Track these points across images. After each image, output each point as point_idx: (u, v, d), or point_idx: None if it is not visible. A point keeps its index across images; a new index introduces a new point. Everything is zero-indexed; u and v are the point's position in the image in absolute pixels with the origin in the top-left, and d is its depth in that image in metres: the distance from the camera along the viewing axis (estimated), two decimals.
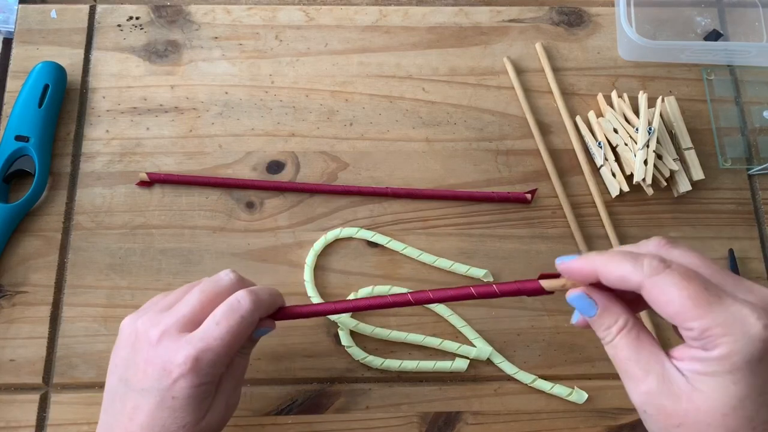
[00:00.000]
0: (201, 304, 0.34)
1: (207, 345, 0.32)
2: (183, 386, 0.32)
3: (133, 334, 0.34)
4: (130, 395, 0.33)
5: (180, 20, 0.53)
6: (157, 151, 0.50)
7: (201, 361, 0.32)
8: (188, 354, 0.32)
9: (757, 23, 0.56)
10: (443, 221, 0.49)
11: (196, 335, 0.33)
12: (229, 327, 0.33)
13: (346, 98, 0.52)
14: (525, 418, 0.45)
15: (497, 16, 0.55)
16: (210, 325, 0.33)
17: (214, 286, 0.35)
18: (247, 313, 0.33)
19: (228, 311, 0.33)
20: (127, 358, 0.34)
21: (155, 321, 0.34)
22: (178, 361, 0.32)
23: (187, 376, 0.32)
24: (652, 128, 0.48)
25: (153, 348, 0.33)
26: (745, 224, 0.50)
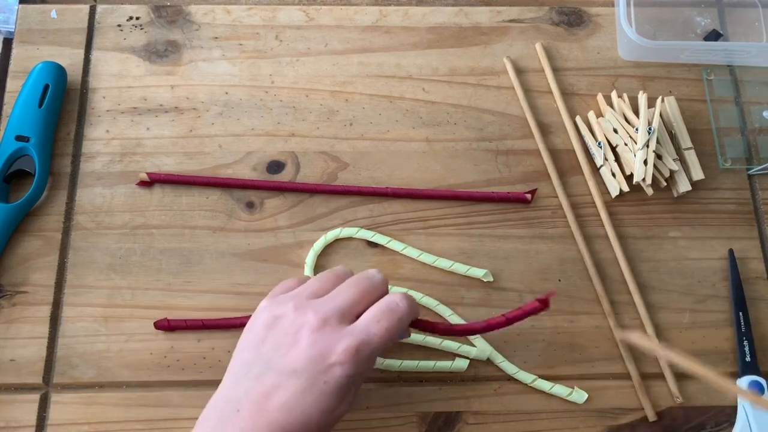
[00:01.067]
0: (357, 298, 0.35)
1: (368, 339, 0.34)
2: (337, 374, 0.33)
3: (277, 318, 0.35)
4: (270, 374, 0.33)
5: (180, 20, 0.53)
6: (157, 151, 0.50)
7: (360, 353, 0.33)
8: (350, 344, 0.33)
9: (757, 23, 0.56)
10: (443, 221, 0.49)
11: (357, 327, 0.34)
12: (388, 326, 0.34)
13: (346, 98, 0.52)
14: (525, 418, 0.45)
15: (497, 16, 0.55)
16: (371, 321, 0.34)
17: (367, 283, 0.36)
18: (404, 315, 0.35)
19: (387, 311, 0.35)
20: (268, 339, 0.34)
21: (313, 307, 0.35)
22: (339, 350, 0.33)
23: (345, 365, 0.33)
24: (651, 128, 0.48)
25: (313, 333, 0.34)
26: (745, 224, 0.50)
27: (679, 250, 0.49)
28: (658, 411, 0.45)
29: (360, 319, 0.35)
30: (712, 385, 0.33)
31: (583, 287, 0.48)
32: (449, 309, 0.46)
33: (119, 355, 0.45)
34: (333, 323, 0.34)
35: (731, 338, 0.47)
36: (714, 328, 0.47)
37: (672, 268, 0.48)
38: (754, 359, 0.46)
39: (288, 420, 0.32)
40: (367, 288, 0.36)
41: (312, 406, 0.33)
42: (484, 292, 0.47)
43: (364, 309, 0.35)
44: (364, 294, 0.36)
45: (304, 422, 0.33)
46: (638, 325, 0.47)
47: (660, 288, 0.48)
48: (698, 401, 0.45)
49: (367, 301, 0.36)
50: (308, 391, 0.33)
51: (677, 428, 0.45)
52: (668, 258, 0.49)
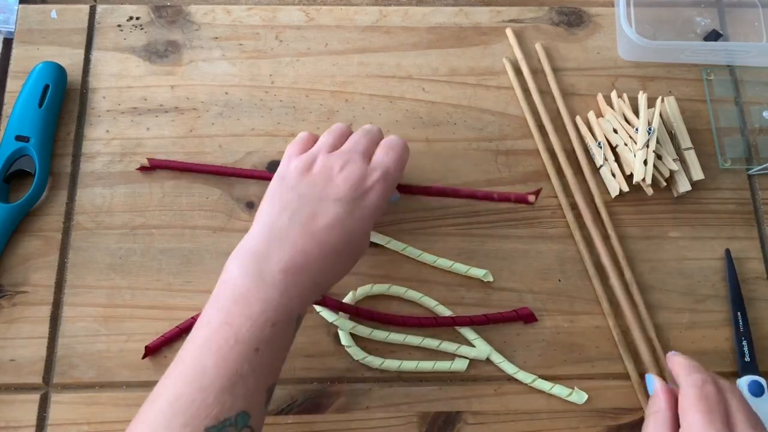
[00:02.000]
0: (368, 143, 0.42)
1: (387, 167, 0.41)
2: (373, 197, 0.39)
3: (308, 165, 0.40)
4: (310, 203, 0.38)
5: (180, 20, 0.53)
6: (158, 151, 0.50)
7: (386, 179, 0.40)
8: (378, 173, 0.40)
9: (757, 23, 0.56)
10: (443, 221, 0.49)
11: (376, 161, 0.41)
12: (397, 155, 0.42)
13: (346, 98, 0.52)
14: (525, 418, 0.45)
15: (497, 17, 0.55)
16: (382, 156, 0.41)
17: (370, 132, 0.43)
18: (402, 149, 0.42)
19: (390, 146, 0.42)
20: (302, 181, 0.39)
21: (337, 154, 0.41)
22: (373, 178, 0.40)
23: (377, 189, 0.40)
24: (651, 128, 0.48)
25: (344, 170, 0.39)
26: (745, 224, 0.50)
27: (679, 250, 0.49)
28: None
29: (375, 156, 0.41)
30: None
31: (583, 287, 0.48)
32: (449, 309, 0.46)
33: (119, 355, 0.45)
34: (358, 160, 0.40)
35: (731, 338, 0.47)
36: (714, 328, 0.47)
37: (672, 268, 0.48)
38: (753, 359, 0.46)
39: (335, 239, 0.37)
40: (371, 136, 0.43)
41: (354, 227, 0.38)
42: (484, 292, 0.47)
43: (373, 151, 0.42)
44: (371, 139, 0.42)
45: (348, 241, 0.38)
46: (638, 325, 0.47)
47: (660, 288, 0.48)
48: None
49: (374, 145, 0.42)
50: (351, 214, 0.38)
51: None
52: (668, 258, 0.49)
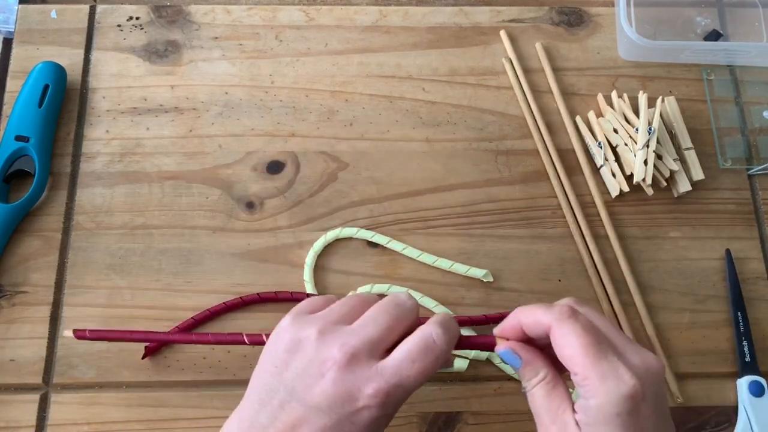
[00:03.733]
0: (388, 329, 0.32)
1: (400, 382, 0.31)
2: (366, 417, 0.30)
3: (300, 341, 0.32)
4: (295, 406, 0.31)
5: (180, 20, 0.53)
6: (157, 151, 0.50)
7: (391, 396, 0.31)
8: (380, 387, 0.30)
9: (757, 23, 0.56)
10: (443, 221, 0.49)
11: (388, 367, 0.31)
12: (424, 367, 0.31)
13: (346, 98, 0.52)
14: (525, 418, 0.45)
15: (497, 16, 0.55)
16: (405, 361, 0.31)
17: (399, 311, 0.33)
18: (442, 354, 0.32)
19: (424, 349, 0.32)
20: (291, 365, 0.32)
21: (340, 337, 0.32)
22: (369, 393, 0.30)
23: (373, 409, 0.30)
24: (652, 128, 0.48)
25: (339, 370, 0.31)
26: (745, 224, 0.50)
27: (679, 250, 0.49)
28: None
29: (392, 357, 0.31)
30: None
31: (583, 287, 0.48)
32: (449, 310, 0.46)
33: (119, 355, 0.45)
34: (361, 359, 0.31)
35: (731, 338, 0.47)
36: (714, 328, 0.47)
37: (672, 268, 0.48)
38: (753, 359, 0.46)
39: None
40: (399, 316, 0.33)
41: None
42: (484, 293, 0.47)
43: (395, 340, 0.32)
44: (396, 323, 0.33)
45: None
46: (638, 325, 0.47)
47: (660, 288, 0.48)
48: (698, 401, 0.45)
49: (398, 331, 0.33)
50: (334, 429, 0.30)
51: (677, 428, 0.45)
52: (668, 258, 0.49)
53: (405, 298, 0.34)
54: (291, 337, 0.32)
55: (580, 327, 0.30)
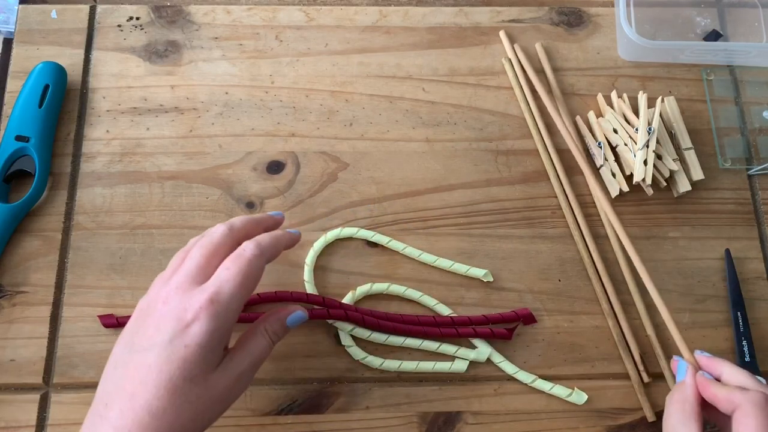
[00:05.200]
0: (205, 258, 0.35)
1: (220, 287, 0.33)
2: (196, 331, 0.32)
3: (143, 307, 0.35)
4: (134, 356, 0.33)
5: (180, 20, 0.53)
6: (158, 151, 0.50)
7: (216, 302, 0.33)
8: (203, 297, 0.33)
9: (757, 23, 0.56)
10: (443, 221, 0.49)
11: (208, 282, 0.34)
12: (238, 269, 0.34)
13: (346, 98, 0.52)
14: (525, 418, 0.45)
15: (497, 17, 0.55)
16: (221, 270, 0.34)
17: (208, 240, 0.36)
18: (253, 257, 0.35)
19: (234, 257, 0.35)
20: (134, 327, 0.34)
21: (163, 285, 0.35)
22: (194, 306, 0.33)
23: (202, 319, 0.32)
24: (651, 128, 0.48)
25: (166, 304, 0.33)
26: (745, 224, 0.50)
27: (679, 250, 0.49)
28: (657, 411, 0.45)
29: (213, 275, 0.34)
30: None
31: (583, 287, 0.48)
32: (448, 308, 0.46)
33: None
34: (185, 288, 0.34)
35: (731, 338, 0.47)
36: (714, 328, 0.47)
37: (672, 268, 0.48)
38: (753, 359, 0.46)
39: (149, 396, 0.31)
40: (210, 245, 0.36)
41: (179, 374, 0.32)
42: (484, 292, 0.47)
43: (215, 265, 0.35)
44: (210, 251, 0.35)
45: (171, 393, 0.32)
46: (638, 326, 0.47)
47: (660, 288, 0.48)
48: None
49: (217, 258, 0.35)
50: (169, 360, 0.32)
51: None
52: (668, 258, 0.49)
53: (215, 230, 0.37)
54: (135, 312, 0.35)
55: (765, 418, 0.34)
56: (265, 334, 0.37)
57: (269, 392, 0.44)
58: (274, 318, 0.38)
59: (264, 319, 0.38)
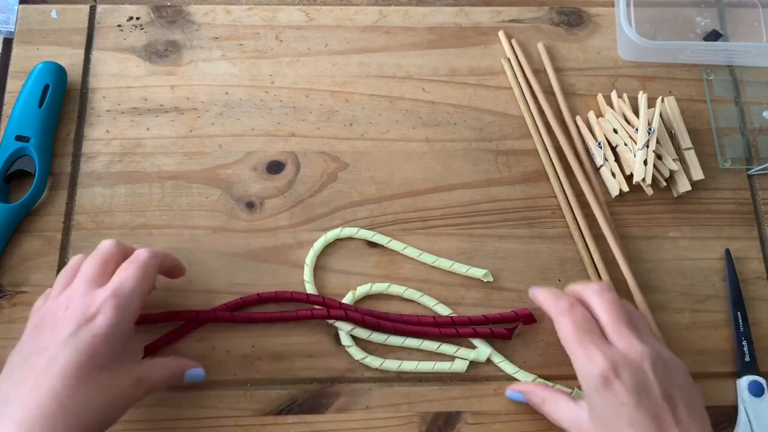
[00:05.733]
0: (100, 266, 0.38)
1: (120, 283, 0.37)
2: (102, 322, 0.35)
3: (37, 321, 0.37)
4: (31, 358, 0.34)
5: (180, 20, 0.53)
6: (158, 151, 0.50)
7: (118, 296, 0.36)
8: (105, 293, 0.36)
9: (757, 23, 0.56)
10: (443, 221, 0.49)
11: (110, 282, 0.37)
12: (136, 267, 0.38)
13: (346, 98, 0.52)
14: (525, 418, 0.45)
15: (497, 17, 0.55)
16: (119, 272, 0.38)
17: (99, 252, 0.39)
18: (148, 258, 0.39)
19: (131, 260, 0.38)
20: (29, 336, 0.36)
21: (63, 294, 0.37)
22: (97, 301, 0.36)
23: (106, 311, 0.35)
24: (651, 128, 0.48)
25: (68, 308, 0.36)
26: (745, 224, 0.50)
27: (679, 250, 0.49)
28: None
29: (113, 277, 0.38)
30: None
31: None
32: (448, 308, 0.46)
33: None
34: (86, 291, 0.37)
35: (731, 338, 0.47)
36: (714, 328, 0.47)
37: (672, 268, 0.48)
38: (753, 359, 0.46)
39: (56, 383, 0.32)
40: (102, 255, 0.39)
41: (89, 363, 0.34)
42: (484, 293, 0.47)
43: (111, 271, 0.38)
44: (104, 260, 0.39)
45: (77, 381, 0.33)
46: None
47: (660, 288, 0.48)
48: None
49: (111, 266, 0.39)
50: (77, 351, 0.34)
51: None
52: (668, 258, 0.49)
53: (103, 244, 0.40)
54: (31, 322, 0.38)
55: (570, 322, 0.39)
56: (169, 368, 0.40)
57: (269, 392, 0.44)
58: (180, 362, 0.41)
59: (176, 358, 0.42)
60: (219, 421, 0.43)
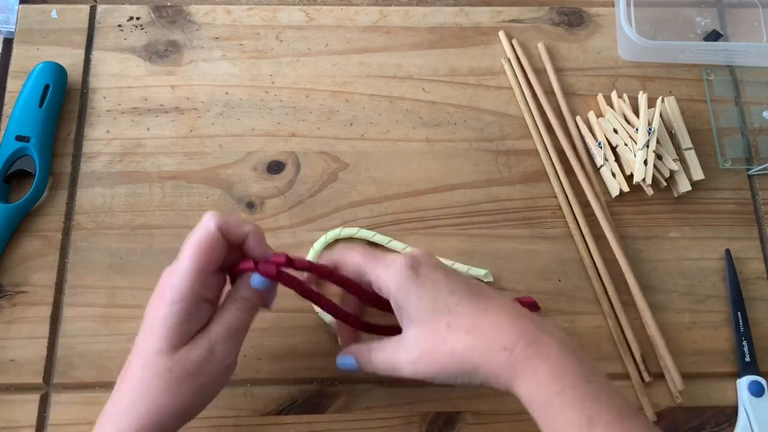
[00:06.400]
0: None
1: (179, 264, 0.35)
2: (163, 307, 0.34)
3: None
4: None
5: (180, 20, 0.53)
6: (158, 151, 0.50)
7: (174, 276, 0.34)
8: (165, 274, 0.35)
9: (757, 23, 0.56)
10: (443, 221, 0.49)
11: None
12: (194, 242, 0.35)
13: (347, 98, 0.52)
14: (525, 418, 0.44)
15: (497, 17, 0.55)
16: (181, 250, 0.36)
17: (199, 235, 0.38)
18: (209, 229, 0.35)
19: (193, 233, 0.36)
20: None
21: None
22: (161, 287, 0.35)
23: (165, 296, 0.34)
24: (651, 128, 0.48)
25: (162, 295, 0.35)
26: (745, 224, 0.50)
27: (679, 251, 0.49)
28: (658, 411, 0.45)
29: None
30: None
31: (583, 287, 0.48)
32: None
33: (120, 356, 0.45)
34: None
35: (731, 338, 0.47)
36: (714, 328, 0.47)
37: (672, 268, 0.48)
38: (753, 359, 0.46)
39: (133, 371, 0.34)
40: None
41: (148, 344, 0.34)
42: None
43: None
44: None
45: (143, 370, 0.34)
46: (638, 326, 0.47)
47: (660, 288, 0.48)
48: (698, 401, 0.45)
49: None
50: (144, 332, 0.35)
51: (677, 428, 0.45)
52: (668, 258, 0.49)
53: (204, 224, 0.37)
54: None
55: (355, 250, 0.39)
56: (234, 301, 0.37)
57: (269, 392, 0.44)
58: (239, 283, 0.38)
59: (233, 287, 0.38)
60: (219, 421, 0.43)
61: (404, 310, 0.36)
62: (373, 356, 0.38)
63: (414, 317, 0.36)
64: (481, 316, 0.35)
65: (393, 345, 0.37)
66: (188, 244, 0.35)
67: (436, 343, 0.35)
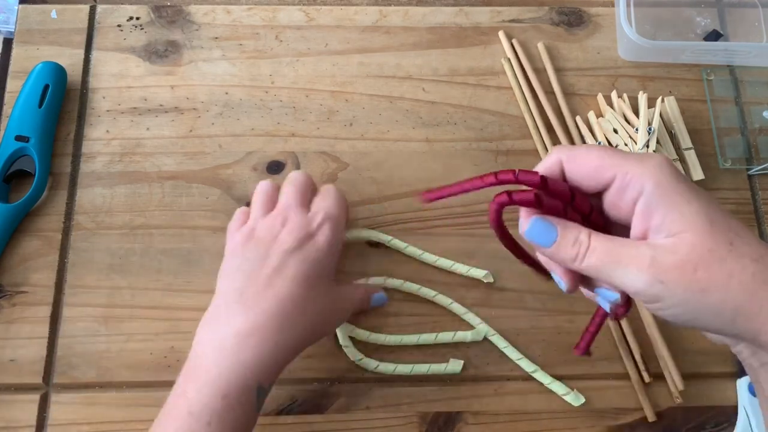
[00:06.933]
0: (301, 192, 0.42)
1: (328, 207, 0.41)
2: (322, 238, 0.40)
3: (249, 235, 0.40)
4: (260, 262, 0.38)
5: (180, 20, 0.53)
6: (158, 151, 0.50)
7: (330, 216, 0.41)
8: (320, 215, 0.40)
9: (757, 23, 0.56)
10: (444, 221, 0.49)
11: (315, 206, 0.42)
12: (333, 200, 0.42)
13: (346, 98, 0.52)
14: (525, 418, 0.45)
15: (497, 17, 0.55)
16: (318, 201, 0.42)
17: (298, 182, 0.43)
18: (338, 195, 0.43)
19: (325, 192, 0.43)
20: (248, 247, 0.39)
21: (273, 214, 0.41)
22: (317, 220, 0.40)
23: (326, 231, 0.40)
24: (651, 128, 0.48)
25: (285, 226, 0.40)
26: (745, 224, 0.50)
27: None
28: (657, 411, 0.45)
29: (312, 204, 0.42)
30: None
31: None
32: (449, 298, 0.46)
33: (119, 355, 0.45)
34: (296, 212, 0.41)
35: None
36: None
37: None
38: None
39: (293, 290, 0.37)
40: (299, 185, 0.43)
41: (310, 272, 0.38)
42: (485, 293, 0.47)
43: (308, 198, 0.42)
44: (300, 188, 0.42)
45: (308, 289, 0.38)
46: (638, 326, 0.47)
47: None
48: (698, 401, 0.45)
49: (306, 193, 0.42)
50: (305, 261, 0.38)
51: (677, 428, 0.45)
52: None
53: (295, 175, 0.43)
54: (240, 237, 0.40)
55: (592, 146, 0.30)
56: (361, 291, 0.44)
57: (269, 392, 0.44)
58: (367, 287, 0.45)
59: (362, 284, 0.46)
60: None
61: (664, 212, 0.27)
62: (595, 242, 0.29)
63: (679, 222, 0.27)
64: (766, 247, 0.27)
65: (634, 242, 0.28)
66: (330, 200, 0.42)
67: (710, 260, 0.27)
